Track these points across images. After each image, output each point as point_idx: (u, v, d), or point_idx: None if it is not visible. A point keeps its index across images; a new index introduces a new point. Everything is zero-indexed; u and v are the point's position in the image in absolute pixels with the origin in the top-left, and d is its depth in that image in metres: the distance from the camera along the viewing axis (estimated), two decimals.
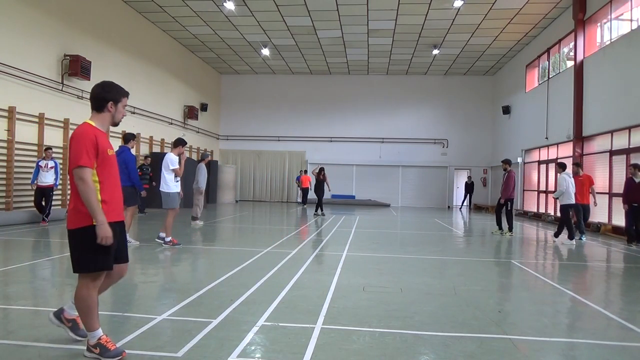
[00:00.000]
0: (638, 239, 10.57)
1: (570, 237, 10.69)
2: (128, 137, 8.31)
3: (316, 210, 16.89)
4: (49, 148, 11.56)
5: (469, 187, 25.17)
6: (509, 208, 12.02)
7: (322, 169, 17.17)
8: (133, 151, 8.55)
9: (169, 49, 20.45)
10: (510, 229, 11.97)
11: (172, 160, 8.53)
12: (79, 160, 3.07)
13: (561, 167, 11.27)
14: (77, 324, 3.47)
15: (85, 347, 3.27)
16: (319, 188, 16.90)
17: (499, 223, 12.20)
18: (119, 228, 3.30)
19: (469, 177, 25.28)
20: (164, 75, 19.97)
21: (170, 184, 8.50)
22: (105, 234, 3.07)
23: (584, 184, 11.60)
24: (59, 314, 3.49)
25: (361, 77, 26.48)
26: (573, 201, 10.70)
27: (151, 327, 3.88)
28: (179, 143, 8.76)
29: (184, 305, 4.56)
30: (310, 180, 22.09)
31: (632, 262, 8.45)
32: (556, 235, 11.29)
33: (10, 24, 11.65)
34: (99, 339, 3.19)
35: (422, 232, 12.66)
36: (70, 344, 3.43)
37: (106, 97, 3.30)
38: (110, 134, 15.81)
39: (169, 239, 8.46)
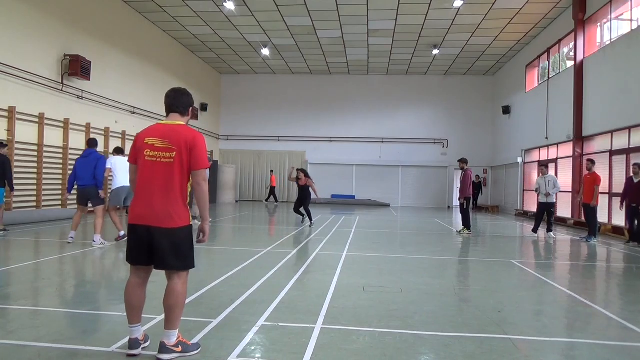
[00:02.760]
0: (633, 239, 10.57)
1: (535, 230, 11.75)
2: (94, 142, 8.62)
3: (303, 220, 13.91)
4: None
5: (476, 186, 24.41)
6: (464, 206, 12.04)
7: (301, 172, 13.80)
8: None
9: (169, 49, 20.45)
10: (469, 227, 11.95)
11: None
12: (207, 162, 3.29)
13: (547, 167, 11.98)
14: (185, 344, 3.28)
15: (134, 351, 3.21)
16: (302, 194, 13.65)
17: (465, 223, 12.12)
18: None
19: (477, 177, 24.64)
20: (164, 75, 19.97)
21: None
22: (208, 232, 3.35)
23: (591, 183, 11.27)
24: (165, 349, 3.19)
25: (361, 77, 26.47)
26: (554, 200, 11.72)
27: (151, 327, 3.88)
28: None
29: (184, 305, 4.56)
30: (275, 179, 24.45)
31: (632, 262, 8.45)
32: (549, 230, 11.69)
33: (10, 24, 11.65)
34: (178, 337, 3.25)
35: (422, 232, 12.65)
36: (71, 344, 3.43)
37: (191, 102, 3.52)
38: (113, 136, 15.82)
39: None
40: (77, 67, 13.45)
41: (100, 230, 8.29)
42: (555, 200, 11.81)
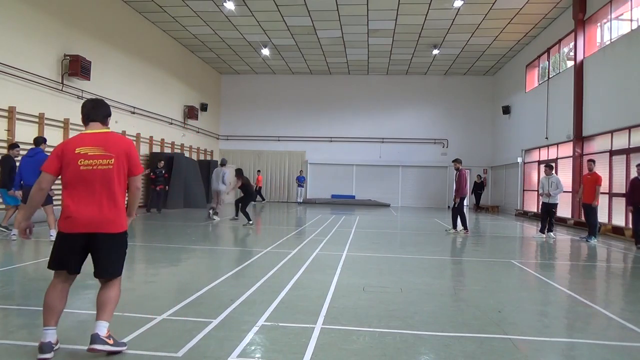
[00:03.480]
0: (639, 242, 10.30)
1: (542, 231, 11.66)
2: (40, 141, 8.85)
3: (236, 215, 14.11)
4: None
5: (479, 186, 24.27)
6: (457, 205, 12.05)
7: (237, 172, 14.08)
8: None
9: (169, 49, 20.45)
10: (465, 227, 11.97)
11: None
12: (142, 167, 3.43)
13: (551, 168, 11.95)
14: (114, 338, 3.30)
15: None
16: (244, 193, 13.88)
17: (454, 222, 12.08)
18: None
19: (479, 176, 24.46)
20: (164, 75, 19.97)
21: None
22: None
23: (592, 183, 11.13)
24: (99, 339, 3.18)
25: (361, 77, 26.47)
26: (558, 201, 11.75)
27: (151, 327, 3.88)
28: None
29: (184, 305, 4.56)
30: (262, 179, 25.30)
31: (632, 262, 8.45)
32: (549, 230, 11.65)
33: (10, 24, 11.65)
34: (108, 330, 3.25)
35: (422, 232, 12.65)
36: (70, 344, 3.43)
37: (109, 112, 3.58)
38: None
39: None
40: (77, 67, 13.44)
41: (55, 224, 8.41)
42: (557, 202, 11.76)
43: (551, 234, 11.62)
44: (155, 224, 12.55)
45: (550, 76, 18.35)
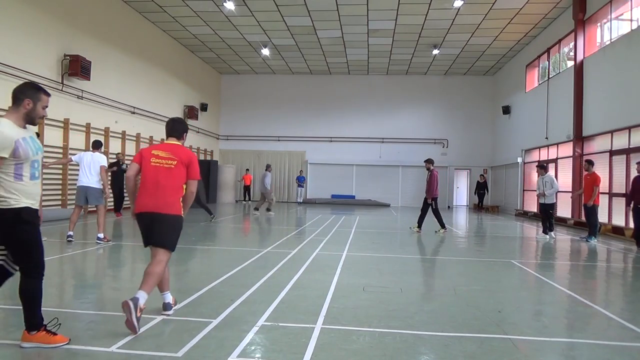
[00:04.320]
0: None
1: (545, 232, 11.60)
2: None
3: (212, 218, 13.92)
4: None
5: (482, 187, 23.95)
6: (434, 207, 12.12)
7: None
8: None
9: (169, 49, 20.45)
10: (443, 226, 12.05)
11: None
12: (199, 175, 4.25)
13: (543, 168, 11.94)
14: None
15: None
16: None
17: (441, 222, 12.11)
18: None
19: (481, 176, 24.20)
20: (164, 75, 19.97)
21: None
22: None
23: (590, 183, 11.07)
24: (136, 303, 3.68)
25: (361, 77, 26.47)
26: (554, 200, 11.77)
27: (151, 327, 3.88)
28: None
29: (184, 305, 4.56)
30: (252, 179, 25.41)
31: (632, 262, 8.45)
32: (550, 229, 11.62)
33: (10, 24, 11.65)
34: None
35: (422, 232, 12.65)
36: (71, 344, 3.43)
37: (185, 128, 4.49)
38: (113, 136, 15.81)
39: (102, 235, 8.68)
40: (77, 67, 13.44)
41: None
42: (554, 201, 11.74)
43: (552, 233, 11.61)
44: None
45: (550, 76, 18.35)
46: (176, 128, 4.35)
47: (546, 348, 3.76)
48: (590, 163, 11.34)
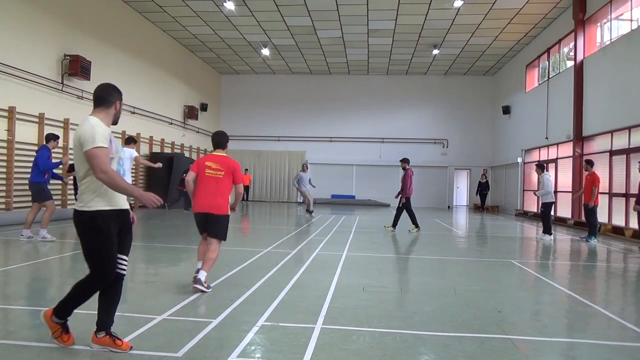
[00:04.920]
0: None
1: (546, 231, 11.38)
2: (49, 137, 8.82)
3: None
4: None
5: (485, 187, 23.50)
6: (401, 205, 12.11)
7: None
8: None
9: (169, 49, 20.45)
10: (416, 225, 12.02)
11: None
12: (243, 180, 5.68)
13: (541, 168, 11.89)
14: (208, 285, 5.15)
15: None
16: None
17: (414, 220, 12.09)
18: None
19: (483, 175, 23.79)
20: (164, 75, 19.97)
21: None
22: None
23: (590, 184, 11.04)
24: (199, 282, 4.95)
25: (361, 77, 26.47)
26: (553, 199, 11.65)
27: (151, 327, 3.88)
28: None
29: (184, 305, 4.56)
30: (251, 179, 25.55)
31: (631, 262, 8.45)
32: (544, 232, 11.50)
33: (10, 24, 11.65)
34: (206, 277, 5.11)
35: (422, 232, 12.66)
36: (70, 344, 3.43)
37: (227, 139, 5.85)
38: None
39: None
40: (77, 67, 13.44)
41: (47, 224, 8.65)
42: (548, 201, 11.40)
43: (545, 235, 11.40)
44: (156, 224, 12.56)
45: (550, 76, 18.35)
46: (221, 141, 5.56)
47: (546, 348, 3.76)
48: (589, 163, 11.31)
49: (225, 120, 27.17)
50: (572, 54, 16.27)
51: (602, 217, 13.82)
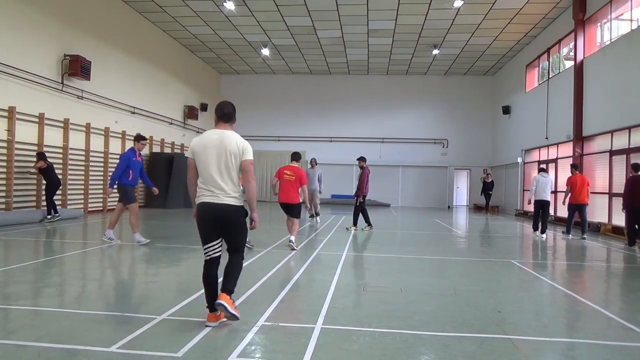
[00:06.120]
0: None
1: (535, 228, 12.29)
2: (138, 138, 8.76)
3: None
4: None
5: (489, 187, 22.32)
6: (359, 204, 12.18)
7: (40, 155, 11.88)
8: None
9: (169, 49, 20.45)
10: (369, 223, 12.09)
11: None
12: (307, 181, 9.02)
13: (540, 169, 12.66)
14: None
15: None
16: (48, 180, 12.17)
17: (355, 219, 12.15)
18: None
19: (488, 175, 22.67)
20: (164, 75, 19.97)
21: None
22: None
23: (576, 184, 11.80)
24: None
25: (361, 77, 26.47)
26: (542, 198, 12.23)
27: (151, 327, 3.88)
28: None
29: (184, 305, 4.56)
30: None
31: (631, 262, 8.45)
32: (534, 229, 12.34)
33: (10, 24, 11.65)
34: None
35: (422, 232, 12.66)
36: (70, 344, 3.43)
37: (299, 157, 9.52)
38: (113, 136, 15.80)
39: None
40: (77, 67, 13.44)
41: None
42: (540, 198, 12.20)
43: (537, 232, 12.09)
44: (156, 224, 12.56)
45: (550, 76, 18.34)
46: (295, 158, 9.05)
47: (546, 348, 3.76)
48: (574, 167, 12.28)
49: None
50: (572, 54, 16.26)
51: (602, 217, 13.84)
